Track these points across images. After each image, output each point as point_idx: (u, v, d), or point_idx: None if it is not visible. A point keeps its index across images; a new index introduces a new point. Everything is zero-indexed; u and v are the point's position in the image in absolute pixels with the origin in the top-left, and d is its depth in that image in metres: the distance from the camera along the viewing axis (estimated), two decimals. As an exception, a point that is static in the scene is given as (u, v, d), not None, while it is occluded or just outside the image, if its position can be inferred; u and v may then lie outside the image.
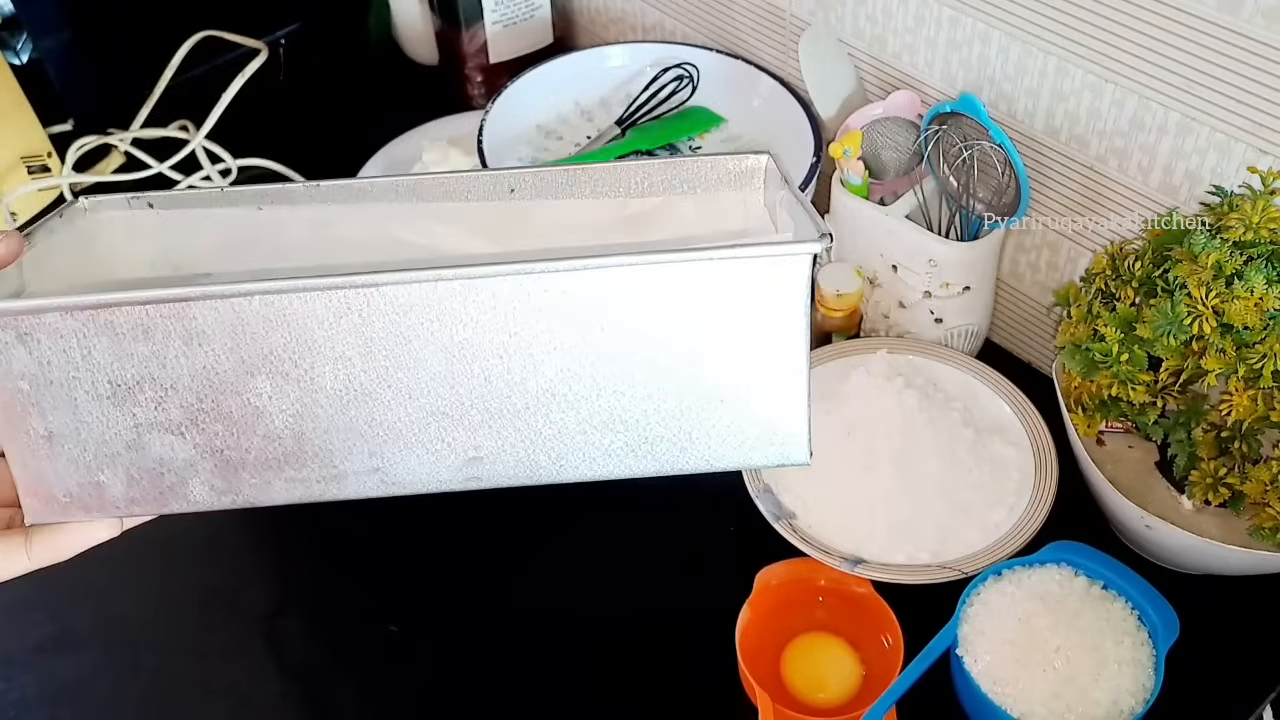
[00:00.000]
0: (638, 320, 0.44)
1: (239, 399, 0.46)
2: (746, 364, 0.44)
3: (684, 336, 0.44)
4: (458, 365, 0.45)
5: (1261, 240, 0.59)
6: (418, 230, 0.56)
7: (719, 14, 0.93)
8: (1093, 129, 0.70)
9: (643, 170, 0.56)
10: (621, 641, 0.70)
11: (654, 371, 0.44)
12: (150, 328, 0.44)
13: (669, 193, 0.56)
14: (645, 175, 0.56)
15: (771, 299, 0.43)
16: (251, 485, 0.49)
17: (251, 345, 0.44)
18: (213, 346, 0.45)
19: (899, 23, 0.77)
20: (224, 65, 1.09)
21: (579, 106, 0.95)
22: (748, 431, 0.46)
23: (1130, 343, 0.62)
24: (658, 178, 0.56)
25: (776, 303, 0.43)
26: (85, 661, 0.70)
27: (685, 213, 0.56)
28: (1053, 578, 0.65)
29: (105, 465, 0.47)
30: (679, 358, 0.44)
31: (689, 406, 0.45)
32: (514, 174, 0.55)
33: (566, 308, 0.43)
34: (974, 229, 0.76)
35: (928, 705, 0.63)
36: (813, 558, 0.67)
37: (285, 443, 0.47)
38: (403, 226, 0.56)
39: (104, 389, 0.45)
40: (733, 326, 0.44)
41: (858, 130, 0.77)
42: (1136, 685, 0.60)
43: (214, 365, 0.45)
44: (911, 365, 0.78)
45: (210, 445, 0.47)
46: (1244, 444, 0.61)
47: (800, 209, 0.46)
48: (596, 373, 0.45)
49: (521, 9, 1.04)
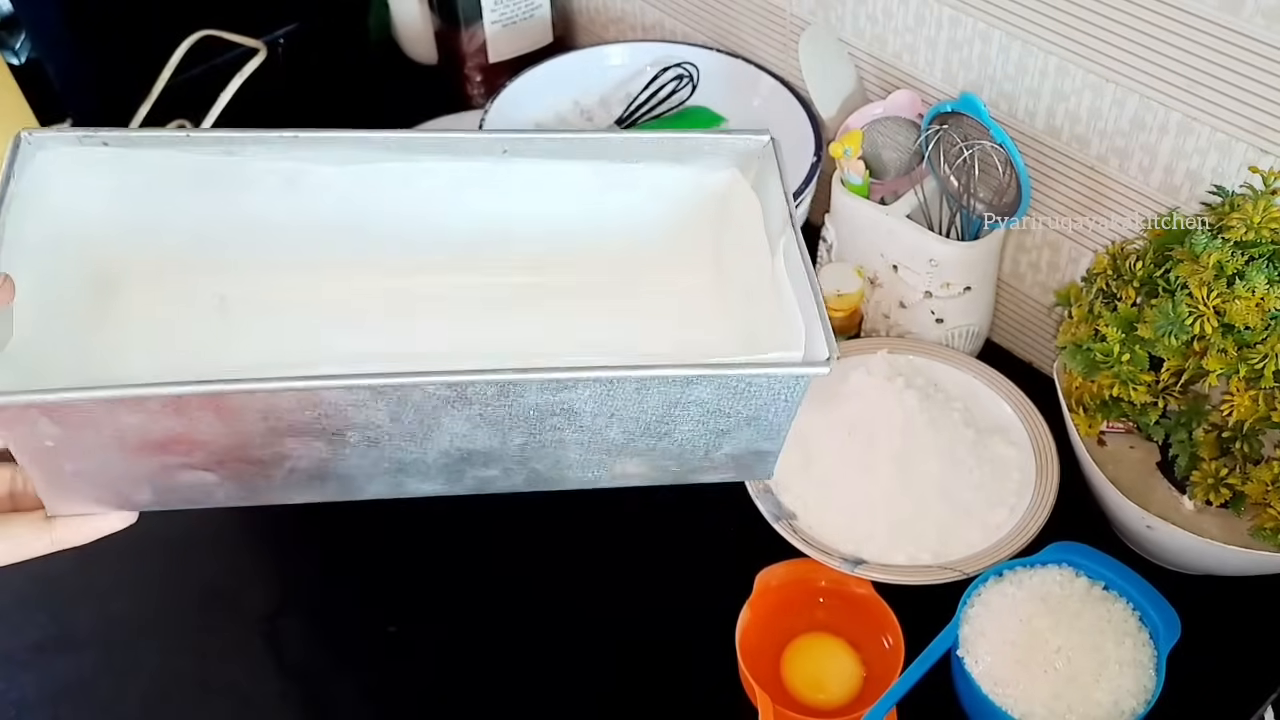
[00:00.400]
0: (653, 407, 0.49)
1: (269, 450, 0.48)
2: (750, 434, 0.52)
3: (700, 414, 0.50)
4: (483, 430, 0.48)
5: (1263, 240, 0.59)
6: (403, 178, 0.57)
7: (719, 13, 0.93)
8: (1094, 129, 0.70)
9: (638, 142, 0.58)
10: (621, 642, 0.70)
11: (672, 438, 0.51)
12: (182, 407, 0.45)
13: (662, 163, 0.58)
14: (640, 147, 0.58)
15: (778, 396, 0.50)
16: (273, 497, 0.52)
17: (283, 419, 0.46)
18: (244, 420, 0.46)
19: (899, 22, 0.77)
20: (223, 65, 1.09)
21: (578, 106, 0.95)
22: (732, 470, 0.55)
23: (1131, 343, 0.62)
24: (652, 150, 0.57)
25: (782, 398, 0.50)
26: (85, 661, 0.70)
27: (671, 181, 0.59)
28: (1054, 578, 0.65)
29: (132, 489, 0.49)
30: (696, 427, 0.51)
31: (693, 462, 0.53)
32: (507, 137, 0.57)
33: (597, 395, 0.48)
34: (975, 229, 0.76)
35: (928, 706, 0.63)
36: (813, 558, 0.67)
37: (310, 474, 0.50)
38: (384, 177, 0.56)
39: (132, 445, 0.46)
40: (743, 412, 0.50)
41: (858, 130, 0.77)
42: (1138, 686, 0.60)
43: (245, 431, 0.46)
44: (912, 365, 0.77)
45: (237, 476, 0.49)
46: (1245, 444, 0.61)
47: (816, 312, 0.51)
48: (612, 438, 0.51)
49: (521, 8, 1.04)
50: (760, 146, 0.57)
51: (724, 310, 0.60)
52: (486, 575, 0.74)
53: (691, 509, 0.75)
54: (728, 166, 0.58)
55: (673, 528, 0.75)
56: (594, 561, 0.74)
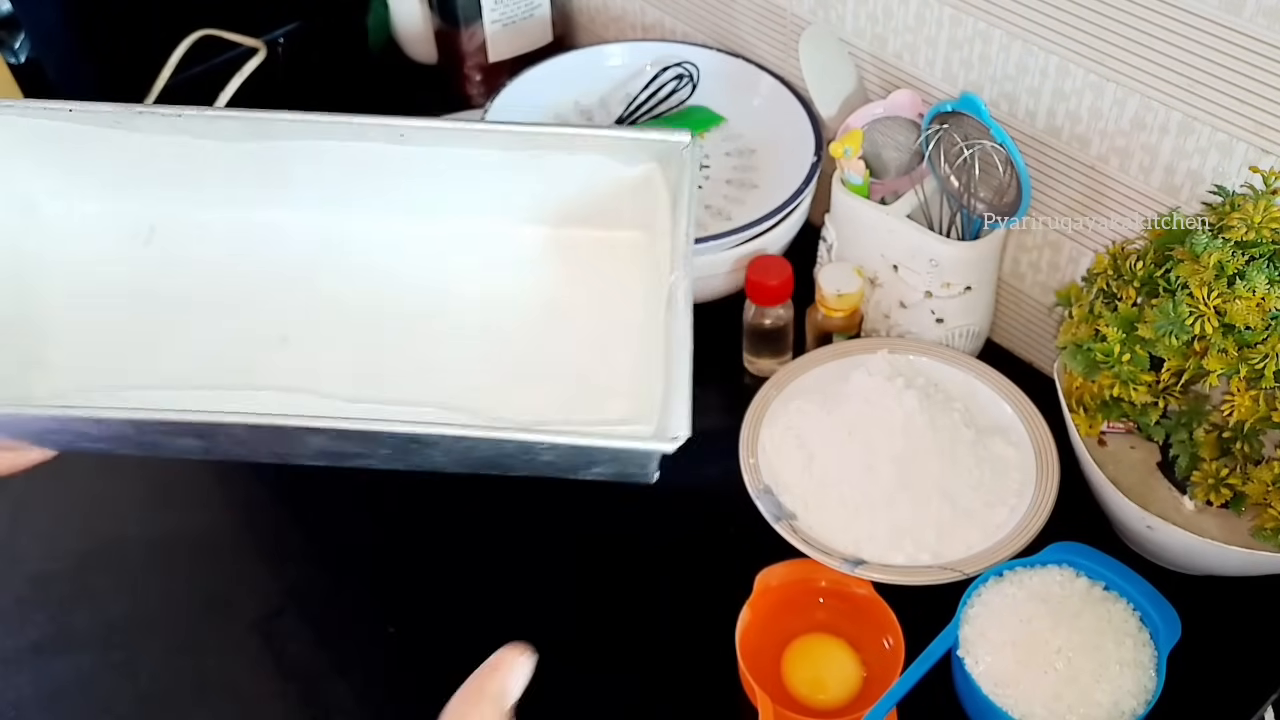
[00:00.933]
0: (510, 450, 0.51)
1: (152, 441, 0.54)
2: (616, 466, 0.54)
3: (559, 453, 0.51)
4: (350, 443, 0.52)
5: (1263, 240, 0.59)
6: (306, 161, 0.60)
7: (719, 13, 0.93)
8: (1094, 128, 0.69)
9: (550, 135, 0.58)
10: (621, 641, 0.70)
11: (536, 464, 0.54)
12: (171, 425, 0.49)
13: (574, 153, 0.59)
14: (552, 140, 0.58)
15: (631, 459, 0.52)
16: (244, 454, 0.57)
17: (266, 439, 0.51)
18: (229, 433, 0.50)
19: (900, 22, 0.77)
20: (222, 64, 1.09)
21: (578, 105, 0.95)
22: (613, 476, 0.57)
23: (1132, 343, 0.62)
24: (564, 143, 0.58)
25: (636, 461, 0.52)
26: (84, 662, 0.70)
27: (583, 169, 0.59)
28: (1054, 579, 0.65)
29: (115, 446, 0.55)
30: (558, 458, 0.53)
31: (568, 472, 0.56)
32: (407, 123, 0.58)
33: (448, 444, 0.50)
34: (975, 229, 0.76)
35: (929, 707, 0.62)
36: (813, 559, 0.67)
37: (196, 449, 0.56)
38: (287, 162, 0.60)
39: (126, 433, 0.51)
40: (600, 458, 0.52)
41: (858, 129, 0.77)
42: (1138, 686, 0.60)
43: (234, 436, 0.51)
44: (912, 365, 0.77)
45: (221, 449, 0.54)
46: (1246, 444, 0.61)
47: (680, 389, 0.53)
48: (478, 458, 0.54)
49: (521, 8, 1.04)
50: (680, 149, 0.56)
51: (610, 334, 0.60)
52: (486, 575, 0.74)
53: (691, 509, 0.75)
54: (647, 161, 0.58)
55: (673, 528, 0.74)
56: (594, 561, 0.74)
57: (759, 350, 0.82)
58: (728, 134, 0.92)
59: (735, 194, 0.87)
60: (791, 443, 0.73)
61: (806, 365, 0.79)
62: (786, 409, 0.75)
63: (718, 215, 0.85)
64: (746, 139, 0.91)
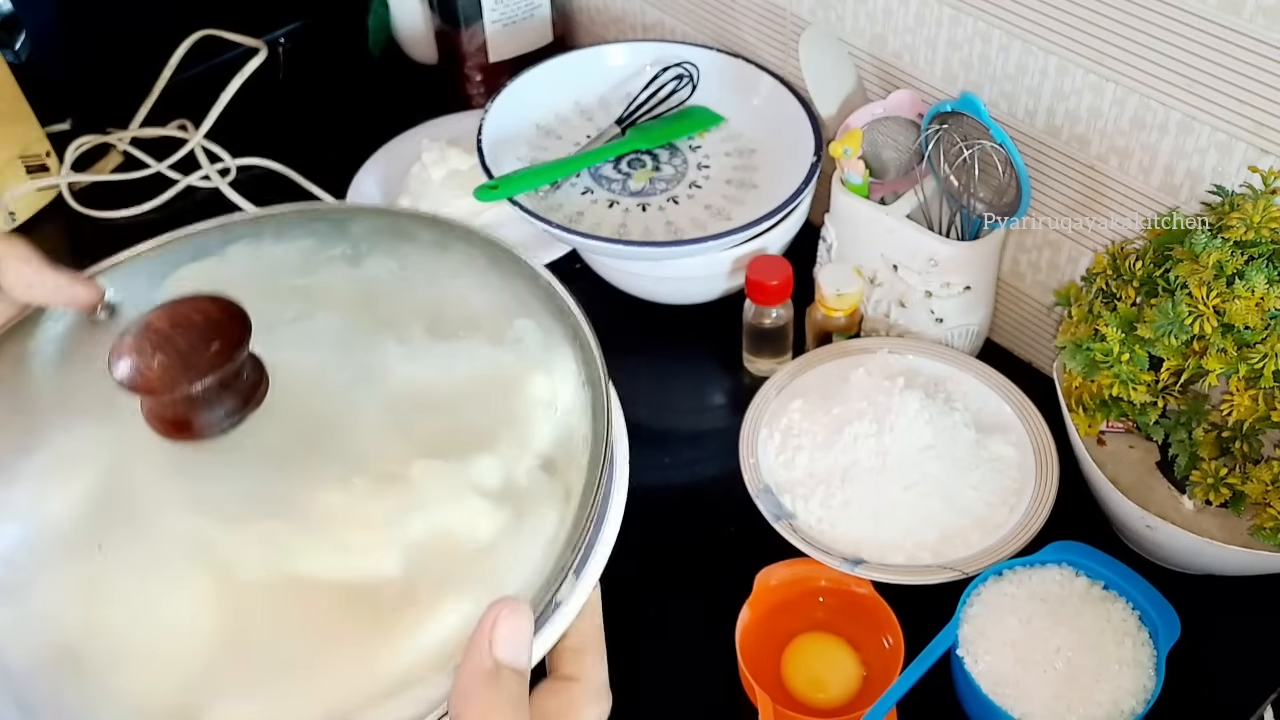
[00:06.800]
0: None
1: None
2: None
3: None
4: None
5: (1263, 240, 0.59)
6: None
7: (719, 13, 0.93)
8: (1094, 128, 0.70)
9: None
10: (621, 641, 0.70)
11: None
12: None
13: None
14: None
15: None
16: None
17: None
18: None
19: (899, 22, 0.77)
20: (223, 64, 1.09)
21: (579, 106, 0.95)
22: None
23: (1131, 342, 0.62)
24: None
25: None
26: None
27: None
28: (1053, 578, 0.65)
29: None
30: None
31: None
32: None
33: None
34: (975, 228, 0.76)
35: (928, 706, 0.63)
36: (813, 558, 0.67)
37: None
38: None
39: None
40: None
41: (858, 129, 0.77)
42: (1137, 686, 0.60)
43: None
44: (912, 365, 0.78)
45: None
46: (1245, 444, 0.61)
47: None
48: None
49: (521, 8, 1.04)
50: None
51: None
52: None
53: (691, 509, 0.75)
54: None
55: (673, 527, 0.75)
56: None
57: (759, 350, 0.82)
58: (728, 134, 0.92)
59: (735, 194, 0.87)
60: (791, 442, 0.73)
61: (806, 365, 0.79)
62: (786, 409, 0.75)
63: (718, 215, 0.85)
64: (746, 139, 0.91)
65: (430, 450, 0.40)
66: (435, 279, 0.48)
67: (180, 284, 0.46)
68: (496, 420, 0.42)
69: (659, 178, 0.88)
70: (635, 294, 0.88)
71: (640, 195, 0.87)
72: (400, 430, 0.42)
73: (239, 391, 0.40)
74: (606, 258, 0.84)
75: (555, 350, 0.44)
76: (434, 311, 0.46)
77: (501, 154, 0.88)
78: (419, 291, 0.48)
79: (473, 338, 0.45)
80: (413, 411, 0.42)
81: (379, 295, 0.47)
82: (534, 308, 0.45)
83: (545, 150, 0.91)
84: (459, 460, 0.40)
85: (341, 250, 0.48)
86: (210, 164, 1.02)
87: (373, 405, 0.42)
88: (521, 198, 0.82)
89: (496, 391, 0.43)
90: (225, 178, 1.01)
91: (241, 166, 1.03)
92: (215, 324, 0.39)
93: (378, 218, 0.51)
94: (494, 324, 0.45)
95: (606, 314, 0.90)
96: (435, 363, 0.44)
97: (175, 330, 0.39)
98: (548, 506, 0.40)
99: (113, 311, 0.45)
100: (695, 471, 0.79)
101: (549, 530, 0.39)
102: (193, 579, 0.38)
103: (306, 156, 1.03)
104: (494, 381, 0.44)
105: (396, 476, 0.39)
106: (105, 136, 1.04)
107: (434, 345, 0.45)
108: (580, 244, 0.84)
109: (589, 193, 0.87)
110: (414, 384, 0.43)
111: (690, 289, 0.86)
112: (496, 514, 0.40)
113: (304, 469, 0.40)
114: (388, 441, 0.41)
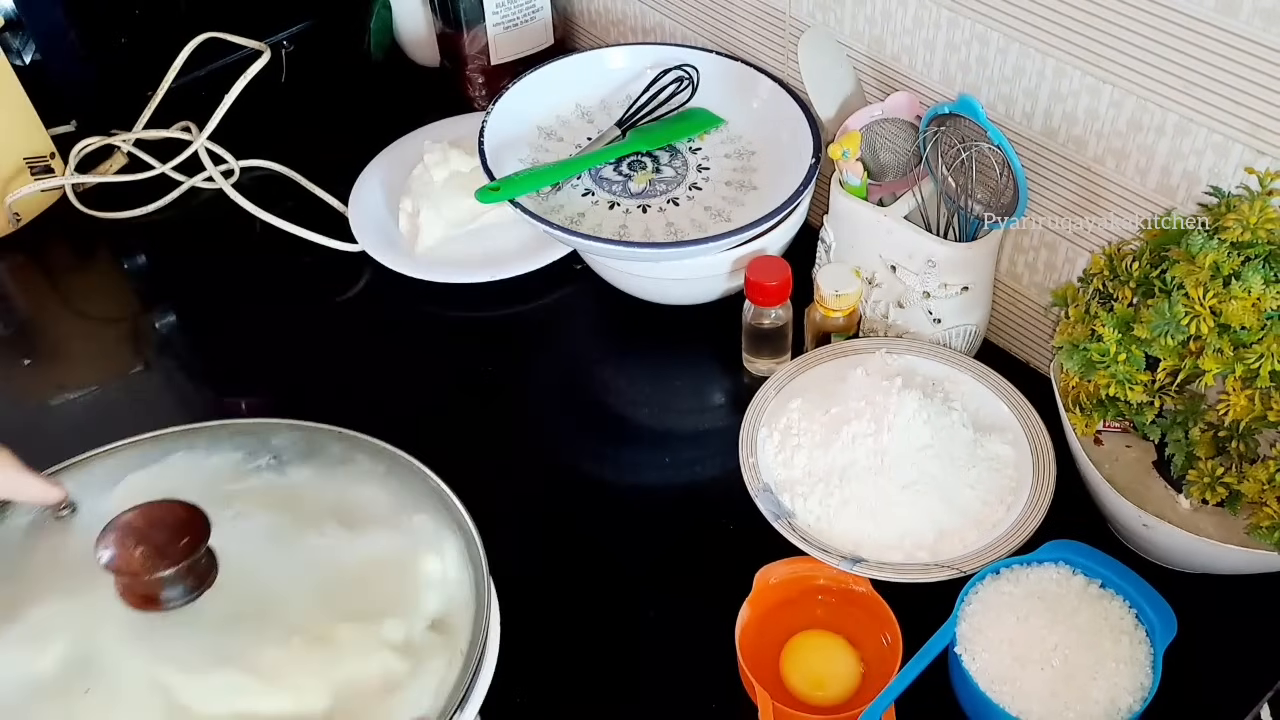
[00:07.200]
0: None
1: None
2: None
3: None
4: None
5: (1259, 241, 0.59)
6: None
7: (719, 16, 0.94)
8: (1091, 130, 0.70)
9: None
10: (621, 640, 0.70)
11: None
12: None
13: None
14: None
15: None
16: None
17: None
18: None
19: (897, 24, 0.78)
20: (227, 67, 1.09)
21: (579, 108, 0.96)
22: None
23: (1128, 343, 0.62)
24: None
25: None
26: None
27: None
28: (1050, 576, 0.65)
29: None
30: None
31: None
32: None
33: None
34: (972, 230, 0.77)
35: (926, 703, 0.63)
36: (812, 556, 0.67)
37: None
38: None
39: None
40: None
41: (856, 131, 0.77)
42: (1134, 683, 0.60)
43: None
44: (910, 365, 0.78)
45: None
46: (1241, 443, 0.61)
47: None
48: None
49: (523, 11, 1.05)
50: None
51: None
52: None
53: (691, 508, 0.76)
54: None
55: (672, 527, 0.75)
56: (594, 561, 0.74)
57: (758, 350, 0.83)
58: (727, 136, 0.92)
59: (735, 195, 0.88)
60: (790, 442, 0.74)
61: (805, 365, 0.79)
62: (785, 408, 0.76)
63: (717, 216, 0.86)
64: (746, 141, 0.92)
65: (349, 616, 0.53)
66: (345, 484, 0.61)
67: (131, 487, 0.59)
68: (399, 592, 0.55)
69: (659, 179, 0.89)
70: (636, 295, 0.88)
71: (641, 197, 0.88)
72: (325, 601, 0.54)
73: (197, 574, 0.52)
74: (607, 259, 0.85)
75: (444, 536, 0.58)
76: (345, 509, 0.59)
77: (503, 156, 0.88)
78: (332, 493, 0.60)
79: (377, 529, 0.58)
80: (334, 586, 0.55)
81: (300, 498, 0.60)
82: (426, 504, 0.59)
83: (546, 152, 0.92)
84: (371, 623, 0.53)
85: (266, 460, 0.62)
86: (214, 165, 1.03)
87: (302, 582, 0.55)
88: (523, 199, 0.82)
89: (398, 570, 0.56)
90: (229, 179, 1.02)
91: (245, 168, 1.04)
92: (184, 523, 0.51)
93: (293, 431, 0.63)
94: (394, 517, 0.59)
95: (607, 314, 0.91)
96: (349, 549, 0.57)
97: (151, 528, 0.51)
98: (439, 657, 0.53)
99: (73, 509, 0.57)
100: (695, 471, 0.80)
101: (440, 673, 0.53)
102: (158, 716, 0.50)
103: (309, 158, 1.04)
104: (396, 562, 0.57)
105: (324, 636, 0.52)
106: (109, 138, 1.05)
107: (347, 535, 0.57)
108: (581, 245, 0.84)
109: (590, 194, 0.88)
110: (333, 565, 0.56)
111: (690, 290, 0.86)
112: (401, 663, 0.53)
113: (250, 631, 0.52)
114: (316, 609, 0.54)
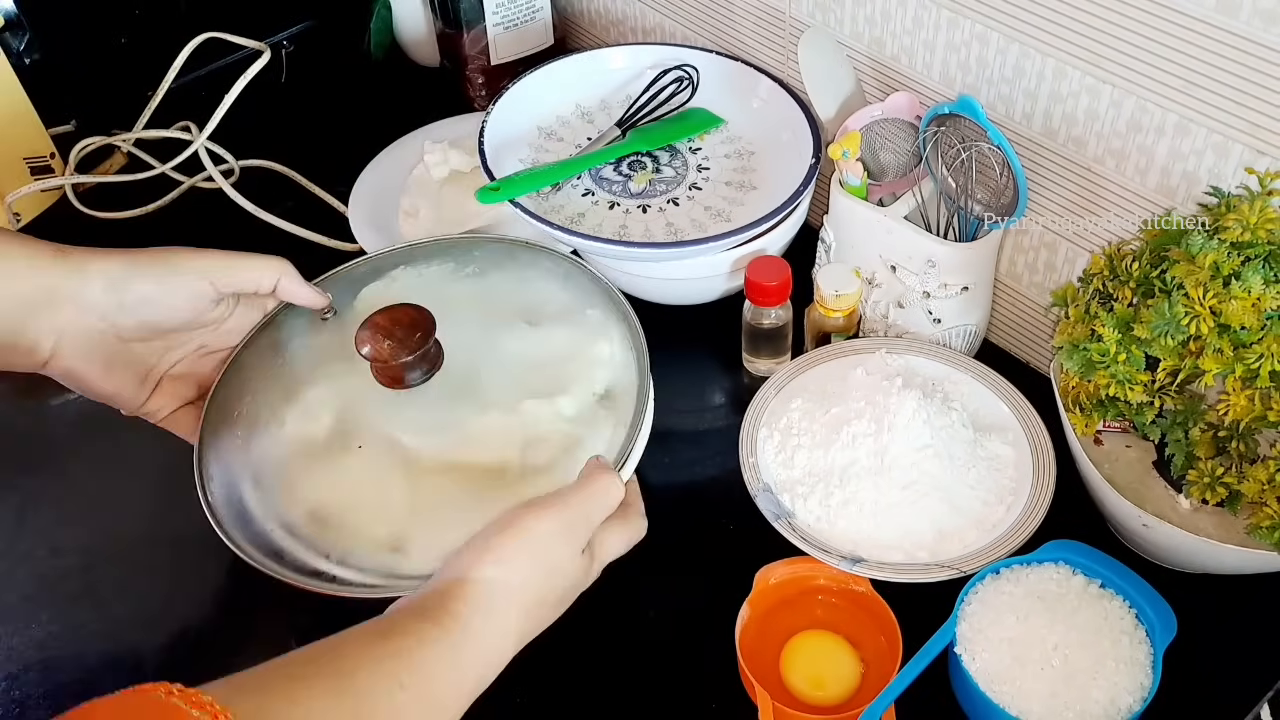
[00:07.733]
0: None
1: None
2: None
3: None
4: None
5: (1259, 241, 0.59)
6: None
7: (719, 16, 0.94)
8: (1091, 130, 0.70)
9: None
10: (621, 640, 0.70)
11: None
12: None
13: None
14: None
15: None
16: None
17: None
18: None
19: (897, 24, 0.78)
20: (226, 67, 1.09)
21: (579, 108, 0.96)
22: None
23: (1128, 343, 0.62)
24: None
25: None
26: (89, 660, 0.70)
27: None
28: (1050, 576, 0.65)
29: None
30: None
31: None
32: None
33: None
34: (972, 230, 0.77)
35: (926, 703, 0.63)
36: (812, 556, 0.67)
37: None
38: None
39: None
40: None
41: (856, 132, 0.77)
42: (1134, 684, 0.60)
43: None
44: (910, 365, 0.78)
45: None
46: (1241, 443, 0.61)
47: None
48: None
49: (523, 11, 1.05)
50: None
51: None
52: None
53: (691, 508, 0.76)
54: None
55: (672, 527, 0.75)
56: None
57: (758, 350, 0.83)
58: (727, 136, 0.92)
59: (735, 195, 0.88)
60: (790, 442, 0.74)
61: (805, 365, 0.79)
62: (785, 408, 0.76)
63: (717, 216, 0.86)
64: (746, 141, 0.92)
65: (533, 394, 0.68)
66: (531, 286, 0.75)
67: (372, 295, 0.75)
68: (575, 371, 0.69)
69: (659, 179, 0.89)
70: (635, 294, 0.88)
71: (641, 197, 0.88)
72: (515, 382, 0.69)
73: (429, 360, 0.67)
74: (607, 259, 0.85)
75: (611, 325, 0.72)
76: (533, 307, 0.74)
77: (503, 156, 0.88)
78: (521, 295, 0.75)
79: (558, 323, 0.73)
80: (523, 370, 0.70)
81: (497, 299, 0.74)
82: (597, 300, 0.73)
83: (546, 152, 0.92)
84: (549, 399, 0.68)
85: (470, 270, 0.77)
86: (214, 165, 1.03)
87: (499, 368, 0.70)
88: (523, 199, 0.82)
89: (575, 353, 0.71)
90: (229, 179, 1.02)
91: (245, 168, 1.04)
92: (417, 321, 0.66)
93: (491, 244, 0.78)
94: (570, 313, 0.73)
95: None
96: (536, 338, 0.72)
97: (394, 325, 0.65)
98: (606, 424, 0.67)
99: (335, 313, 0.73)
100: (695, 471, 0.80)
101: (608, 436, 0.66)
102: (395, 467, 0.66)
103: (309, 158, 1.04)
104: (573, 347, 0.71)
105: (514, 408, 0.67)
106: (109, 138, 1.05)
107: (534, 329, 0.72)
108: (581, 245, 0.84)
109: (590, 194, 0.88)
110: (522, 354, 0.71)
111: (690, 290, 0.87)
112: (573, 430, 0.67)
113: (462, 405, 0.68)
114: (508, 389, 0.69)
